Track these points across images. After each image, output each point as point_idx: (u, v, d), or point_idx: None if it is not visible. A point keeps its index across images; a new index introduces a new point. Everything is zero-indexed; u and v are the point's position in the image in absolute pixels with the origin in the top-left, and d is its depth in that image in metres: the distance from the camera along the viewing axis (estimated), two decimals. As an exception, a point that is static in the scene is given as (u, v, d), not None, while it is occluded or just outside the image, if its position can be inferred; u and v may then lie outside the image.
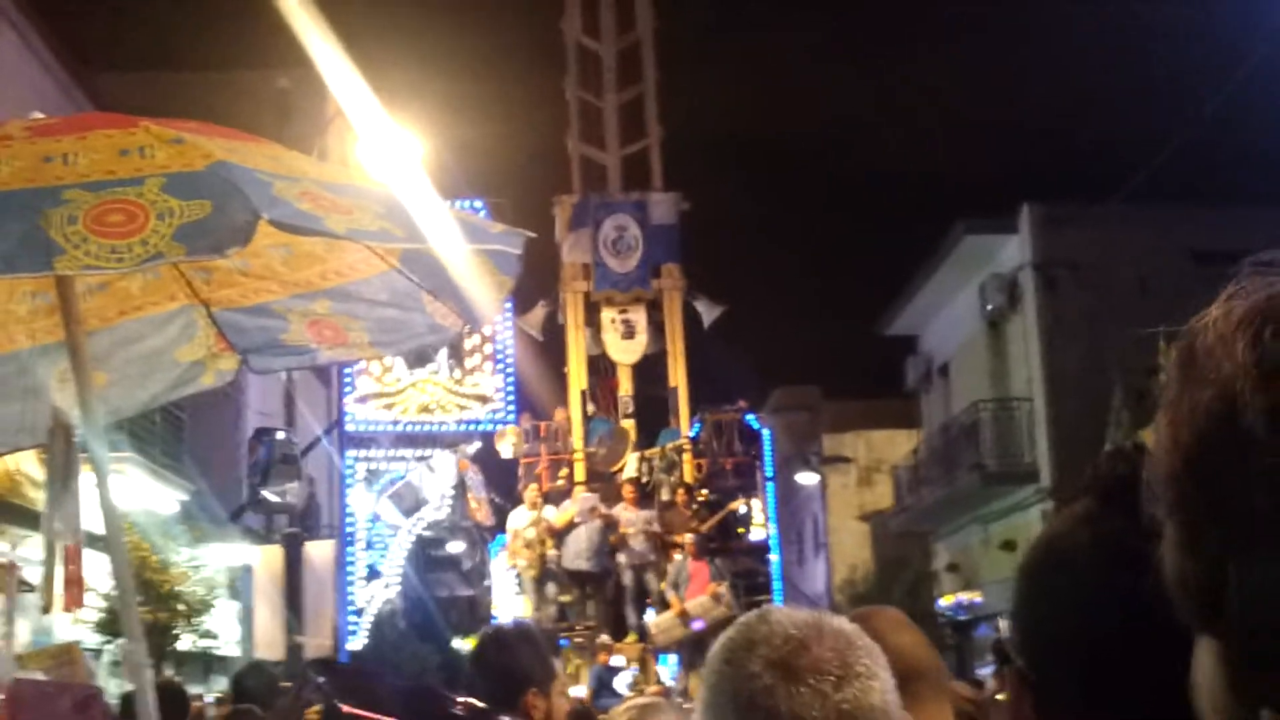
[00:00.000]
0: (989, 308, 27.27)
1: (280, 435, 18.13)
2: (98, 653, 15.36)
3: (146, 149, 3.40)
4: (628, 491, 22.42)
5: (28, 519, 13.54)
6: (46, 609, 4.33)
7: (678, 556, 21.68)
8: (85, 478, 4.19)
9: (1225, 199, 25.82)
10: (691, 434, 24.66)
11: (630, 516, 22.02)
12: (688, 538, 21.71)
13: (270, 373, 5.79)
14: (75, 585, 4.24)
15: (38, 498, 10.34)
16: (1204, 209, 25.04)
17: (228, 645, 21.02)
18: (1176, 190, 23.60)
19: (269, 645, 18.51)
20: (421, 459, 27.09)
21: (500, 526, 25.13)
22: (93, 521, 4.14)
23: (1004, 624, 19.19)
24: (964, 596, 29.56)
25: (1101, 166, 56.16)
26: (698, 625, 20.66)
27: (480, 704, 4.05)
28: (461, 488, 26.64)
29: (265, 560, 19.98)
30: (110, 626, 14.83)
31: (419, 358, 25.96)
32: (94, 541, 4.39)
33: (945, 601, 30.43)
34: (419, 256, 4.40)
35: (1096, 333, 23.07)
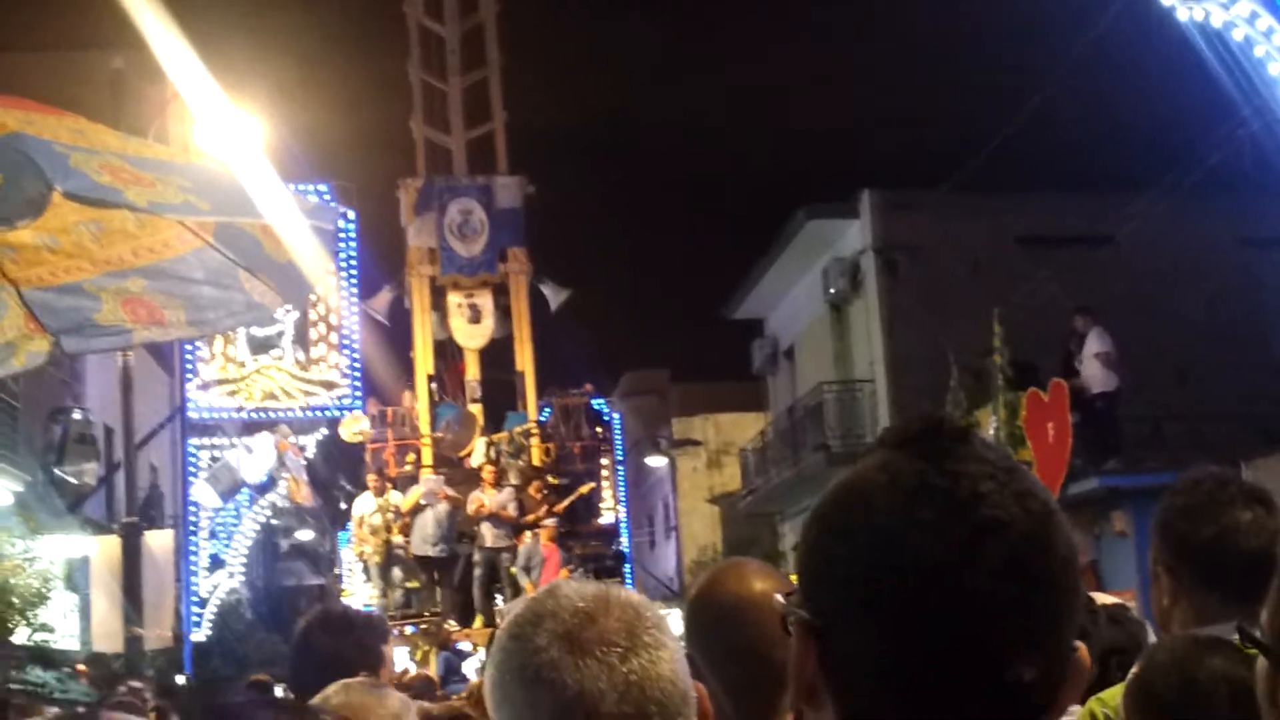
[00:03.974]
0: (832, 291, 27.61)
1: (77, 415, 17.62)
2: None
3: (-65, 119, 3.33)
4: (487, 474, 22.26)
5: None
6: None
7: (527, 539, 21.58)
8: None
9: (1046, 185, 26.54)
10: (540, 418, 24.65)
11: (488, 498, 21.83)
12: (548, 521, 21.62)
13: (85, 354, 5.67)
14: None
15: None
16: (1027, 195, 25.70)
17: (65, 639, 20.56)
18: (1004, 177, 24.19)
19: (107, 637, 18.12)
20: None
21: (335, 510, 24.88)
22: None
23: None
24: (809, 575, 29.89)
25: (937, 154, 57.24)
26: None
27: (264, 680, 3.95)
28: (280, 469, 26.13)
29: (102, 551, 19.52)
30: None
31: (262, 344, 25.59)
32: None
33: (792, 580, 30.72)
34: (235, 234, 4.35)
35: (934, 315, 23.55)
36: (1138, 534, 18.54)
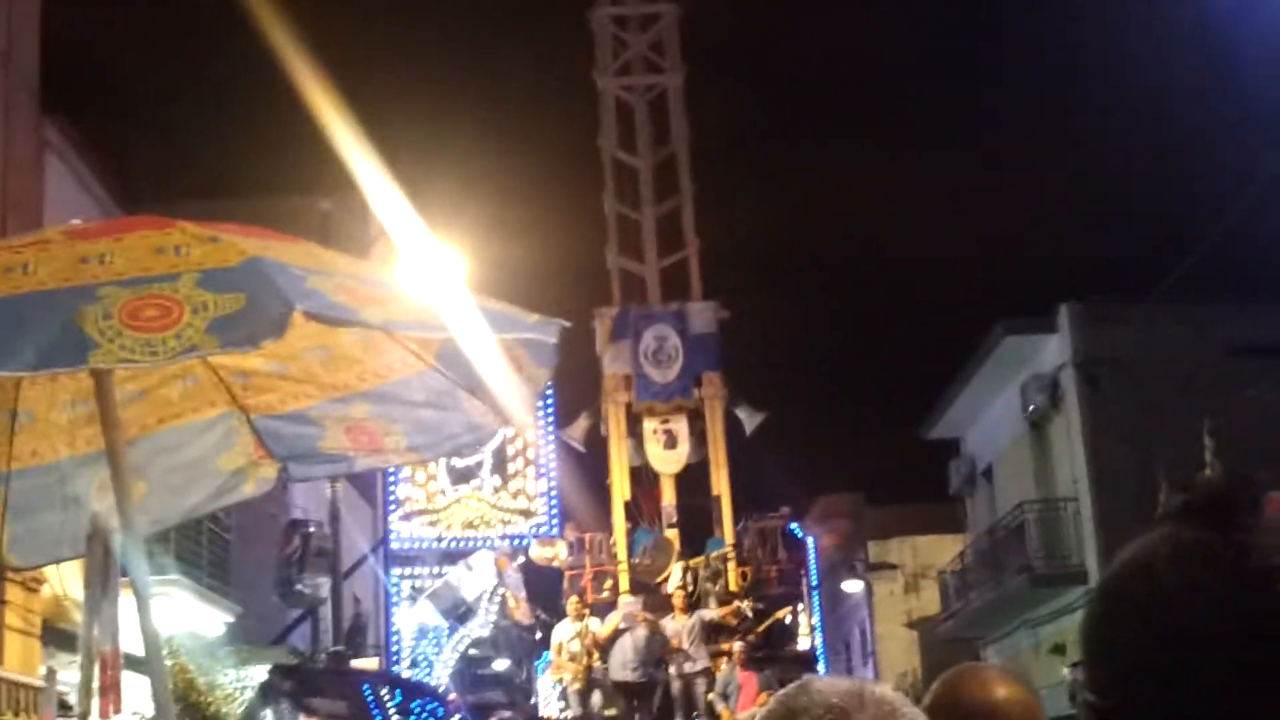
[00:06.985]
0: (1031, 408, 27.07)
1: (314, 529, 18.10)
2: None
3: (182, 247, 3.43)
4: (678, 599, 22.21)
5: (72, 643, 13.48)
6: (84, 717, 4.26)
7: (724, 665, 21.43)
8: (125, 598, 4.08)
9: (1260, 294, 25.68)
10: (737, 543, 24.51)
11: (676, 626, 21.81)
12: (736, 646, 21.47)
13: (309, 480, 5.73)
14: (112, 691, 4.17)
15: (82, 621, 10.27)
16: (1240, 304, 24.91)
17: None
18: (1212, 285, 23.47)
19: (315, 766, 18.33)
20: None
21: (543, 635, 24.93)
22: (133, 643, 4.04)
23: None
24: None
25: (1138, 262, 56.13)
26: (751, 737, 20.36)
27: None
28: (500, 587, 26.29)
29: (310, 680, 19.82)
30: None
31: (462, 474, 25.94)
32: (134, 662, 4.31)
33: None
34: (456, 354, 4.36)
35: (1140, 430, 22.88)
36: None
